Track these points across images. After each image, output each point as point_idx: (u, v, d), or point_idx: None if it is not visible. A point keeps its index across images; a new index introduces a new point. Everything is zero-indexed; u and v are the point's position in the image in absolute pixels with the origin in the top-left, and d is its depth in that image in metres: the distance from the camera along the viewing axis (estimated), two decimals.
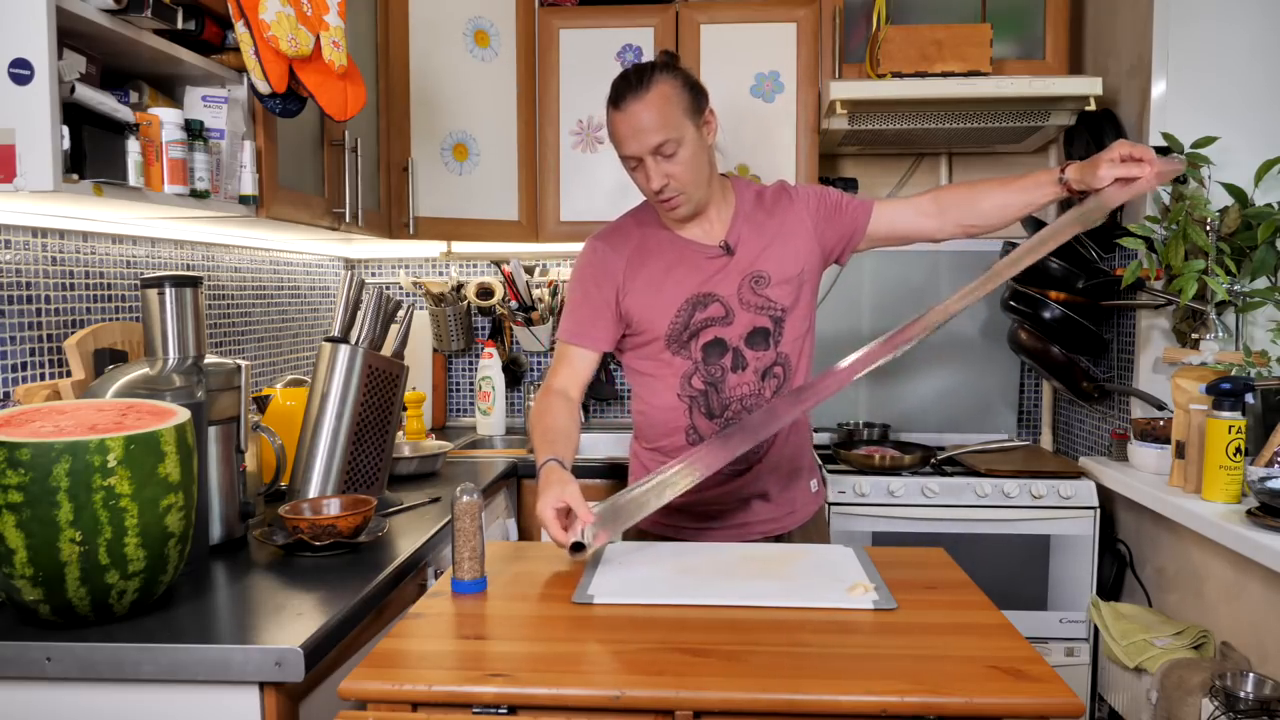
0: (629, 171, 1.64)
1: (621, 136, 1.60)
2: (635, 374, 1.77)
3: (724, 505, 1.75)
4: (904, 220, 1.74)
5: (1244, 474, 1.84)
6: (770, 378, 1.69)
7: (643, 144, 1.57)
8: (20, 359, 1.59)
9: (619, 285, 1.69)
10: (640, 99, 1.57)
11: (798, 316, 1.70)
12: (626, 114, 1.58)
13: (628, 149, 1.59)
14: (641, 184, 1.63)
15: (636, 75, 1.60)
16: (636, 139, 1.58)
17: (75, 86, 1.30)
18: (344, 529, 1.51)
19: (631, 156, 1.60)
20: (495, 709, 1.02)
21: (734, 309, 1.66)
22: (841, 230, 1.73)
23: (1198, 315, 2.14)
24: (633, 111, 1.57)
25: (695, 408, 1.69)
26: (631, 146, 1.58)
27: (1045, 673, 1.04)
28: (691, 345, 1.67)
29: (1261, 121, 2.20)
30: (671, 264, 1.68)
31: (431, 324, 2.95)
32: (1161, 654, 1.91)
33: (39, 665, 1.13)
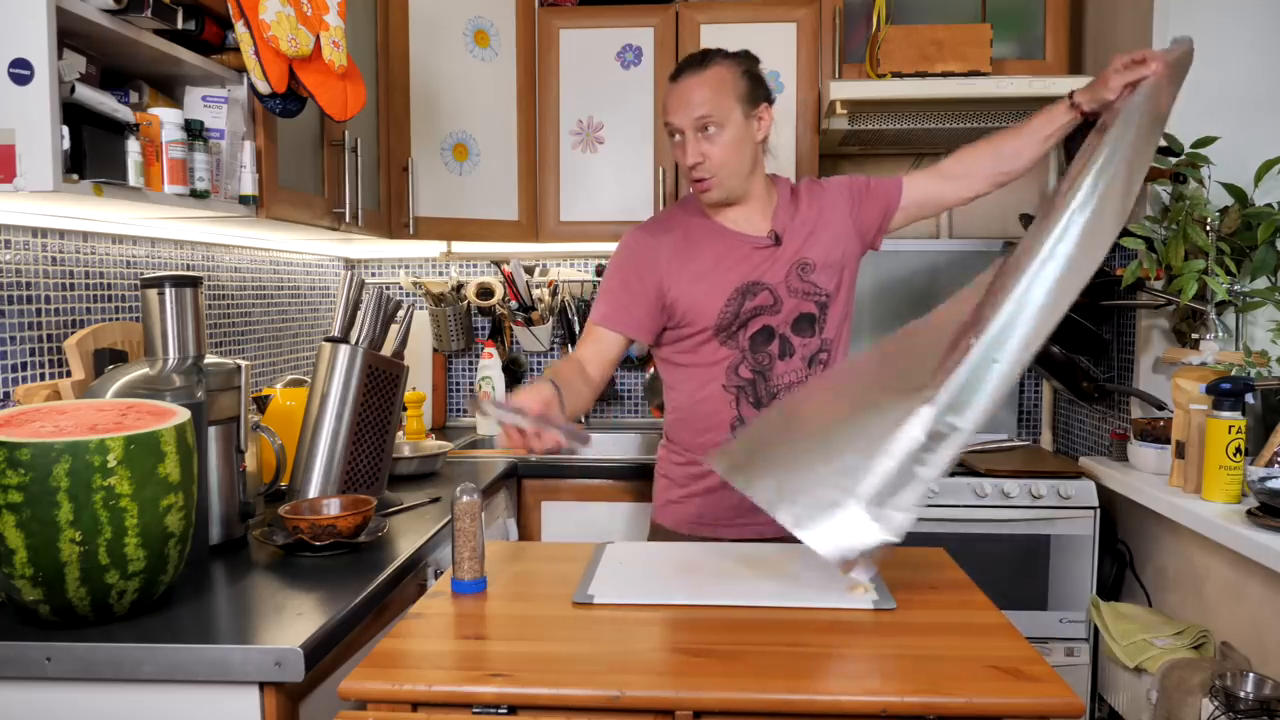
0: (673, 148, 1.68)
1: (670, 106, 1.65)
2: (675, 368, 1.74)
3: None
4: (934, 189, 1.77)
5: (1244, 474, 1.84)
6: (816, 364, 1.71)
7: (686, 116, 1.61)
8: (20, 359, 1.59)
9: (664, 275, 1.67)
10: (697, 75, 1.63)
11: (840, 302, 1.73)
12: (680, 86, 1.64)
13: (672, 118, 1.64)
14: (679, 158, 1.67)
15: (701, 54, 1.66)
16: (682, 110, 1.62)
17: (75, 86, 1.30)
18: (344, 529, 1.51)
19: (674, 127, 1.64)
20: (495, 709, 1.02)
21: (782, 296, 1.68)
22: (875, 210, 1.76)
23: (1198, 315, 2.14)
24: (686, 85, 1.63)
25: (743, 397, 1.69)
26: (676, 116, 1.63)
27: (1045, 673, 1.04)
28: (740, 335, 1.68)
29: (1261, 121, 2.20)
30: (720, 254, 1.69)
31: (431, 324, 2.95)
32: (1161, 654, 1.91)
33: (39, 665, 1.13)
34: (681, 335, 1.70)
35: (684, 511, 1.76)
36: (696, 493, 1.74)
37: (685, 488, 1.76)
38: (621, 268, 1.70)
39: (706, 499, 1.73)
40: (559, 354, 3.05)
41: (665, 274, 1.67)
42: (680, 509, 1.77)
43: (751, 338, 1.68)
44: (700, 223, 1.72)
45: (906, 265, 2.89)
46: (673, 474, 1.78)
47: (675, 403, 1.77)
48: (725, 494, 1.69)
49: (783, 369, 1.69)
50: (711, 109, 1.61)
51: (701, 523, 1.74)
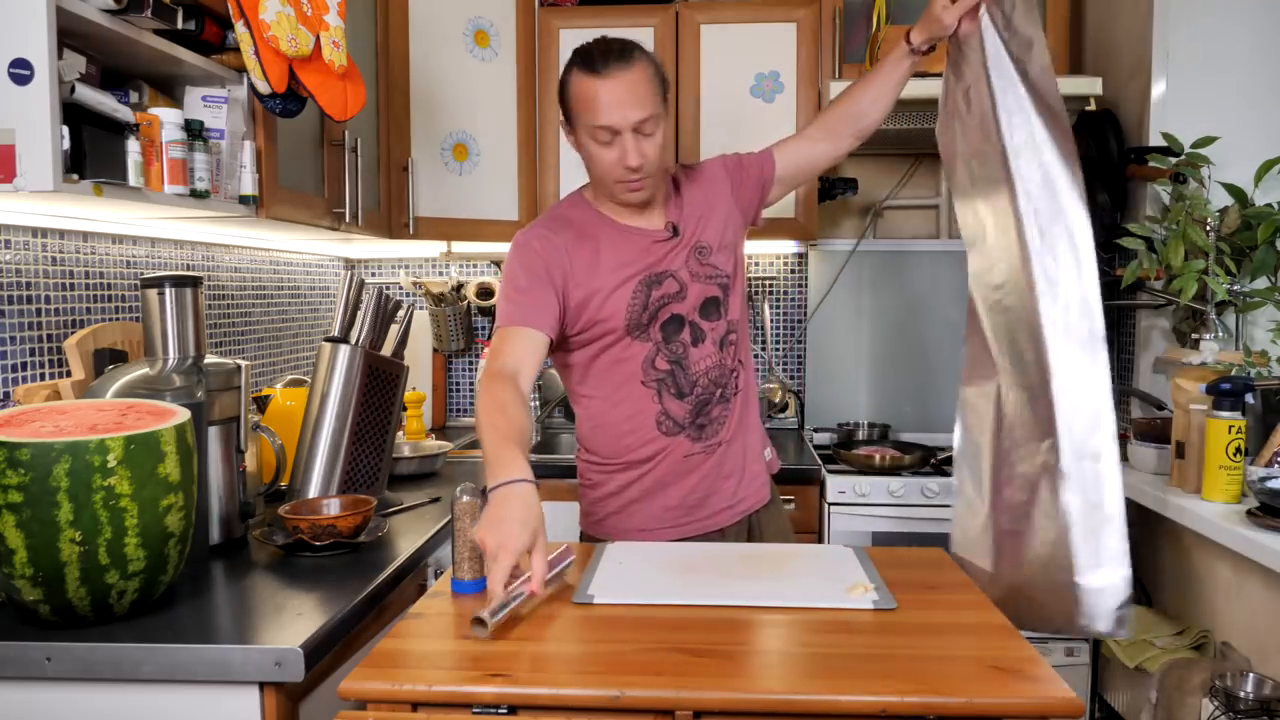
0: (592, 145, 1.54)
1: (601, 104, 1.49)
2: (584, 373, 1.67)
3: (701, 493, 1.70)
4: (803, 153, 1.78)
5: (1244, 474, 1.84)
6: (728, 345, 1.67)
7: (626, 116, 1.49)
8: (20, 359, 1.59)
9: (568, 275, 1.59)
10: (627, 69, 1.50)
11: (738, 281, 1.72)
12: (610, 81, 1.49)
13: (608, 118, 1.49)
14: (610, 160, 1.54)
15: (619, 46, 1.53)
16: (620, 110, 1.49)
17: (75, 86, 1.30)
18: (344, 529, 1.51)
19: (609, 128, 1.50)
20: (495, 709, 1.02)
21: (686, 282, 1.63)
22: (752, 186, 1.75)
23: (1198, 315, 2.14)
24: (618, 79, 1.49)
25: (664, 390, 1.64)
26: (613, 116, 1.49)
27: (1045, 673, 1.04)
28: (650, 327, 1.62)
29: (1261, 121, 2.20)
30: (621, 251, 1.62)
31: (431, 324, 2.95)
32: (1161, 654, 1.91)
33: (39, 665, 1.13)
34: (591, 338, 1.62)
35: (628, 521, 1.70)
36: (634, 498, 1.68)
37: (620, 495, 1.69)
38: (529, 267, 1.59)
39: (646, 504, 1.68)
40: None
41: (569, 274, 1.59)
42: (621, 519, 1.70)
43: (663, 327, 1.62)
44: (596, 220, 1.65)
45: (906, 265, 2.90)
46: (604, 485, 1.71)
47: (591, 410, 1.69)
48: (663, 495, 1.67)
49: (697, 355, 1.64)
50: (651, 109, 1.51)
51: (647, 530, 1.69)
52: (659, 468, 1.67)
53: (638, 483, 1.68)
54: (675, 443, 1.66)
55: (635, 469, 1.68)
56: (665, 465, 1.67)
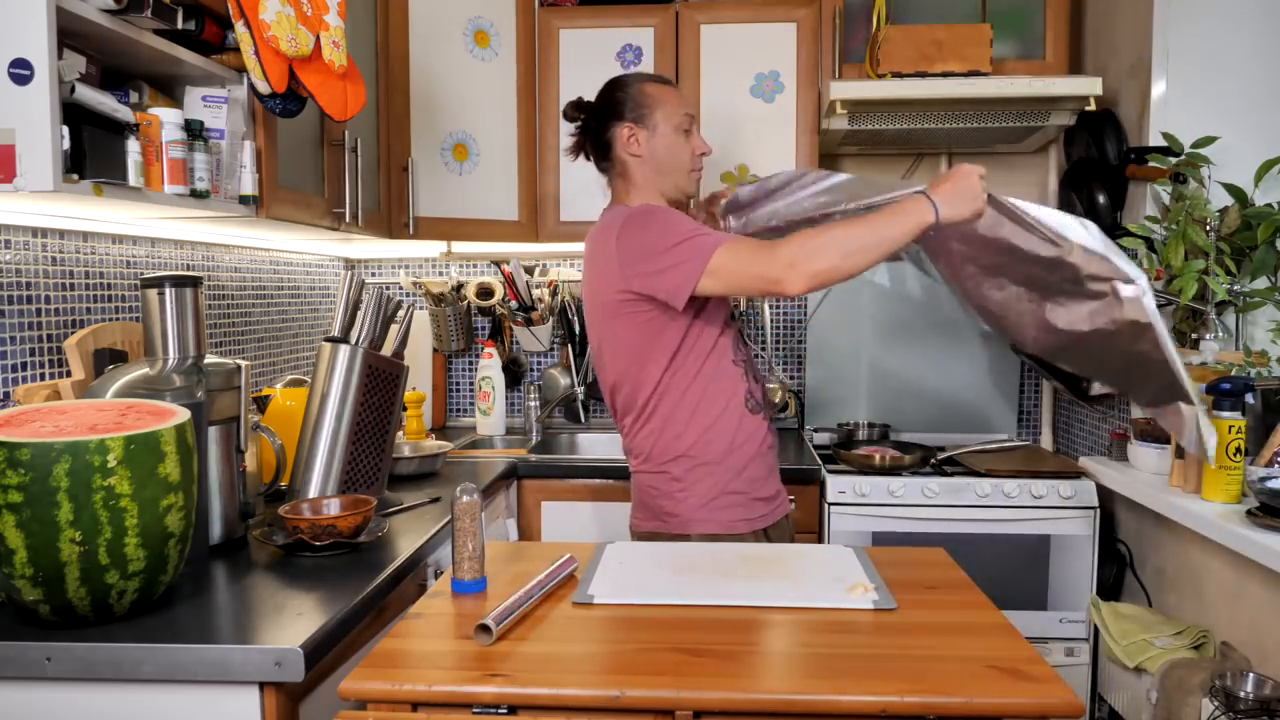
0: (675, 136, 1.78)
1: (686, 101, 1.83)
2: (694, 352, 1.72)
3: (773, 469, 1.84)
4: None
5: (1244, 474, 1.84)
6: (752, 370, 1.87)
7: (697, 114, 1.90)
8: (20, 359, 1.59)
9: None
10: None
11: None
12: (680, 90, 1.85)
13: (694, 109, 1.89)
14: (687, 151, 1.79)
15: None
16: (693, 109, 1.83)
17: (75, 86, 1.30)
18: (344, 529, 1.51)
19: (691, 115, 1.81)
20: (495, 709, 1.02)
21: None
22: None
23: (1198, 315, 2.14)
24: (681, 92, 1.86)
25: (749, 372, 1.81)
26: (695, 110, 1.92)
27: (1045, 673, 1.04)
28: (728, 305, 1.80)
29: (1261, 121, 2.20)
30: None
31: (431, 324, 2.95)
32: (1161, 654, 1.91)
33: (39, 665, 1.13)
34: (713, 306, 1.74)
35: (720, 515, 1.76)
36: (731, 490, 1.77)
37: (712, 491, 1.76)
38: (674, 212, 1.70)
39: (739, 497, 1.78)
40: (559, 354, 3.05)
41: None
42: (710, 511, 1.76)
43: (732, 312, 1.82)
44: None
45: (906, 265, 2.89)
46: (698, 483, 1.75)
47: (696, 399, 1.73)
48: (756, 488, 1.79)
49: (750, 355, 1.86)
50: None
51: (741, 519, 1.76)
52: (752, 457, 1.77)
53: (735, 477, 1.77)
54: (758, 424, 1.78)
55: (726, 459, 1.75)
56: (754, 451, 1.77)
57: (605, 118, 1.80)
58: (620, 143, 1.78)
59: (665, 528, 1.76)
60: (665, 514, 1.76)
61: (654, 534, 1.78)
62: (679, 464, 1.74)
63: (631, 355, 1.72)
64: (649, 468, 1.78)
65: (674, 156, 1.78)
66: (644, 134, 1.77)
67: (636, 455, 1.80)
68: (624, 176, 1.81)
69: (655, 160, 1.78)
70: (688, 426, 1.73)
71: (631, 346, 1.71)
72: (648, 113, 1.77)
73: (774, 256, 1.52)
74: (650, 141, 1.77)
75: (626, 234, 1.65)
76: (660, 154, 1.77)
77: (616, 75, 1.85)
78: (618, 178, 1.83)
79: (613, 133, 1.78)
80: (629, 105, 1.78)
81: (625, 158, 1.79)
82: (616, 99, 1.79)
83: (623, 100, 1.78)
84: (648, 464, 1.78)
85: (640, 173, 1.79)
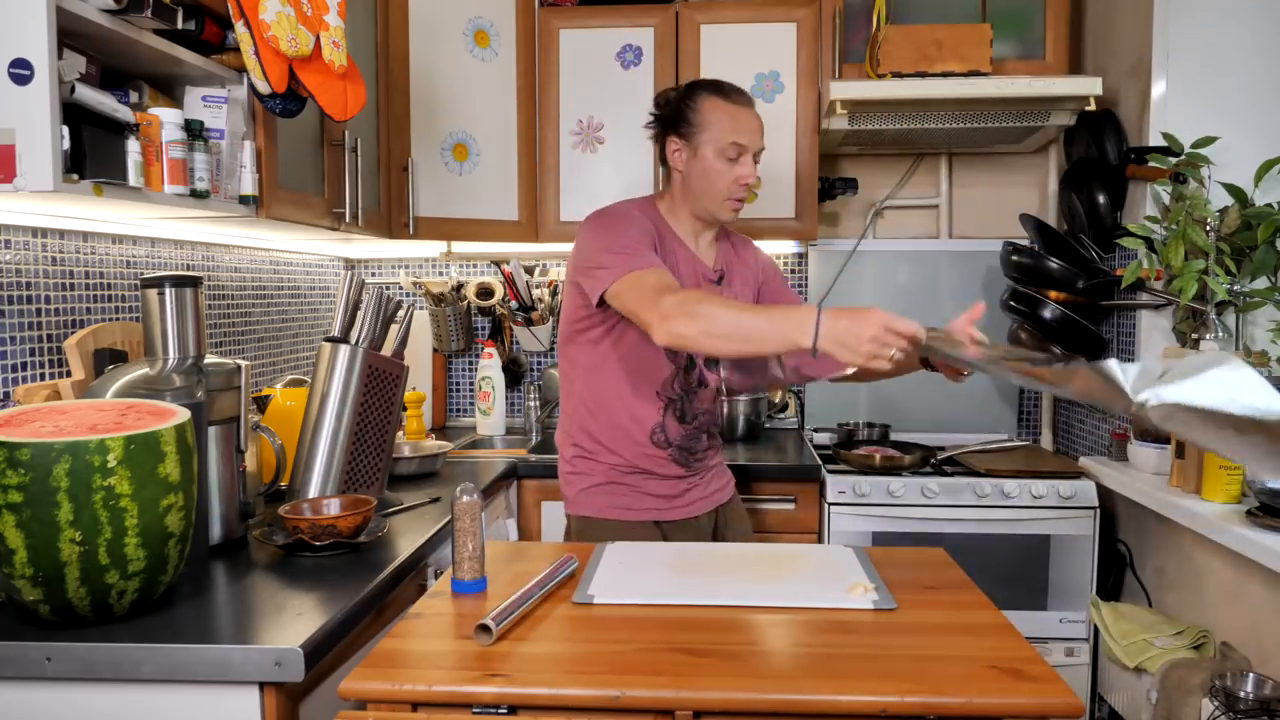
0: (716, 160, 1.73)
1: (743, 126, 1.74)
2: (612, 367, 1.78)
3: (680, 492, 1.85)
4: None
5: (1244, 474, 1.84)
6: (718, 402, 1.88)
7: (755, 141, 1.75)
8: (20, 359, 1.59)
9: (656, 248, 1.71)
10: (753, 105, 1.77)
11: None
12: (748, 109, 1.76)
13: (747, 139, 1.73)
14: (731, 175, 1.73)
15: (744, 91, 1.79)
16: (754, 134, 1.75)
17: (75, 86, 1.30)
18: (344, 529, 1.51)
19: (742, 145, 1.73)
20: (495, 709, 1.02)
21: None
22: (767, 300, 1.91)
23: (1198, 315, 2.14)
24: (752, 110, 1.76)
25: (670, 410, 1.80)
26: (752, 137, 1.74)
27: (1045, 673, 1.04)
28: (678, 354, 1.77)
29: (1261, 121, 2.20)
30: (684, 270, 1.78)
31: (431, 324, 2.95)
32: (1161, 654, 1.91)
33: (39, 665, 1.13)
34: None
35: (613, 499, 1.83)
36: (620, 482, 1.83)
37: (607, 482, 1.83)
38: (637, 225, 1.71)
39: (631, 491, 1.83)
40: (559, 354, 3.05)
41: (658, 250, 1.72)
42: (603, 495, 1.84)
43: (688, 357, 1.79)
44: (667, 230, 1.80)
45: (906, 265, 2.90)
46: (591, 474, 1.84)
47: (595, 398, 1.81)
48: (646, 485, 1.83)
49: (701, 395, 1.83)
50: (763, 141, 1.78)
51: (641, 509, 1.82)
52: (647, 477, 1.82)
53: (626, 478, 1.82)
54: (659, 457, 1.81)
55: (623, 466, 1.82)
56: (648, 475, 1.82)
57: (665, 121, 1.81)
58: (669, 151, 1.81)
59: (568, 508, 1.89)
60: (565, 495, 1.89)
61: (567, 515, 1.90)
62: (571, 450, 1.86)
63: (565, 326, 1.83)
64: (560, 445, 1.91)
65: (708, 182, 1.75)
66: (687, 152, 1.77)
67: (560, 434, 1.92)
68: (668, 180, 1.84)
69: (692, 180, 1.77)
70: (590, 419, 1.82)
71: (567, 317, 1.82)
72: (695, 131, 1.74)
73: (656, 304, 1.50)
74: (691, 161, 1.76)
75: (584, 232, 1.74)
76: (696, 176, 1.76)
77: (701, 80, 1.81)
78: (665, 178, 1.87)
79: (666, 138, 1.81)
80: (683, 118, 1.76)
81: (672, 165, 1.82)
82: (678, 107, 1.78)
83: (681, 110, 1.77)
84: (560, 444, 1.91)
85: (678, 185, 1.81)
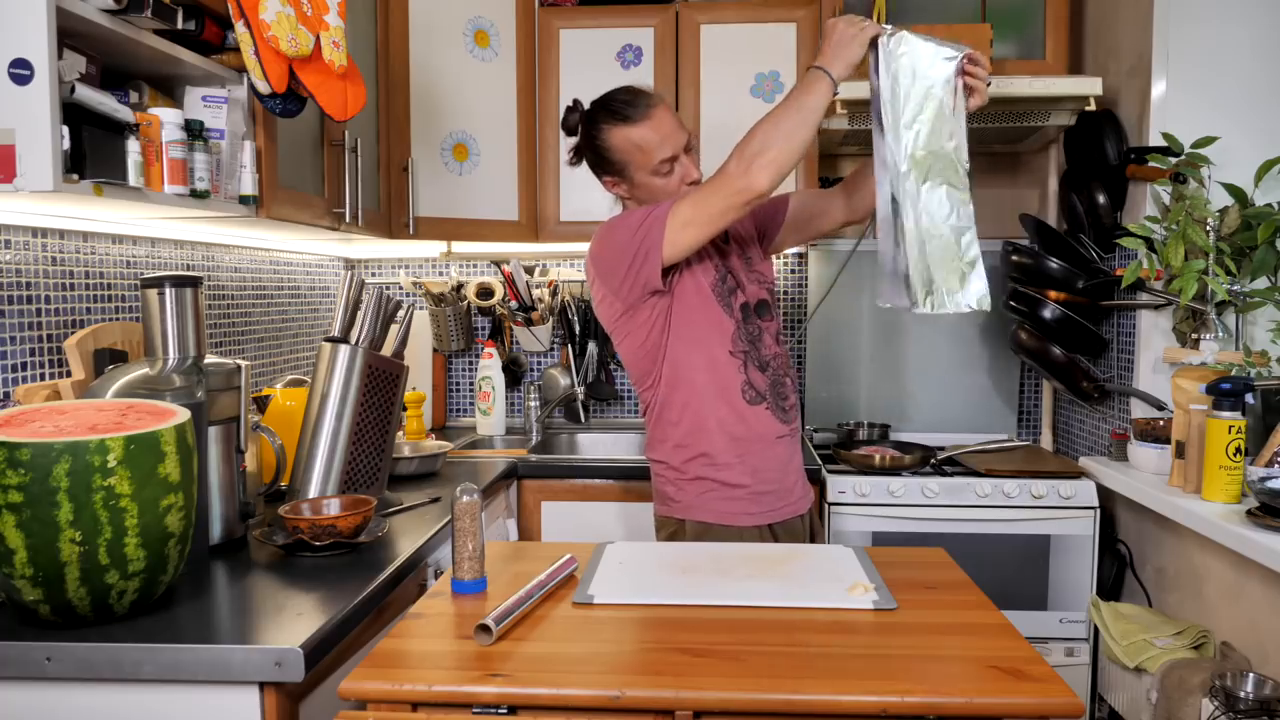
0: (656, 180, 1.72)
1: (658, 140, 1.71)
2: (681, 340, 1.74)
3: (788, 462, 1.83)
4: (818, 201, 1.91)
5: (1244, 474, 1.84)
6: (781, 343, 1.85)
7: (677, 143, 1.72)
8: (20, 359, 1.59)
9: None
10: (657, 107, 1.72)
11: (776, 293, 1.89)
12: (655, 120, 1.71)
13: (667, 151, 1.71)
14: (674, 184, 1.73)
15: (638, 93, 1.75)
16: (672, 139, 1.71)
17: (75, 86, 1.30)
18: (344, 529, 1.51)
19: (668, 159, 1.71)
20: (495, 709, 1.02)
21: (744, 281, 1.80)
22: (765, 216, 1.90)
23: (1198, 315, 2.14)
24: (659, 117, 1.72)
25: (749, 362, 1.77)
26: (669, 147, 1.71)
27: (1045, 673, 1.04)
28: (731, 300, 1.76)
29: (1261, 121, 2.20)
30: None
31: (431, 324, 2.95)
32: (1161, 654, 1.91)
33: (39, 665, 1.13)
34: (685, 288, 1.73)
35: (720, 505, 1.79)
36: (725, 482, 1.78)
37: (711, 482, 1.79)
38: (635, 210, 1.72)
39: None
40: (559, 354, 3.05)
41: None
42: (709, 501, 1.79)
43: (741, 307, 1.78)
44: None
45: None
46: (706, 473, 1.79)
47: (682, 392, 1.76)
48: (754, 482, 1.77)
49: (766, 340, 1.80)
50: (686, 128, 1.76)
51: (743, 512, 1.76)
52: (750, 449, 1.76)
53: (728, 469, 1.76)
54: (758, 414, 1.76)
55: (720, 456, 1.76)
56: (753, 443, 1.76)
57: (589, 160, 1.81)
58: (607, 188, 1.82)
59: (670, 512, 1.82)
60: (669, 499, 1.82)
61: (666, 518, 1.83)
62: (676, 454, 1.79)
63: (632, 355, 1.80)
64: (655, 456, 1.84)
65: (660, 195, 1.74)
66: (626, 185, 1.78)
67: (649, 446, 1.87)
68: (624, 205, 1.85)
69: (642, 202, 1.77)
70: (681, 416, 1.77)
71: (632, 347, 1.79)
72: (623, 168, 1.74)
73: (726, 174, 1.57)
74: (634, 191, 1.77)
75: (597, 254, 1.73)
76: (645, 199, 1.76)
77: (591, 106, 1.77)
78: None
79: (599, 177, 1.81)
80: (604, 161, 1.76)
81: (617, 196, 1.83)
82: (594, 149, 1.76)
83: (597, 153, 1.76)
84: (654, 453, 1.84)
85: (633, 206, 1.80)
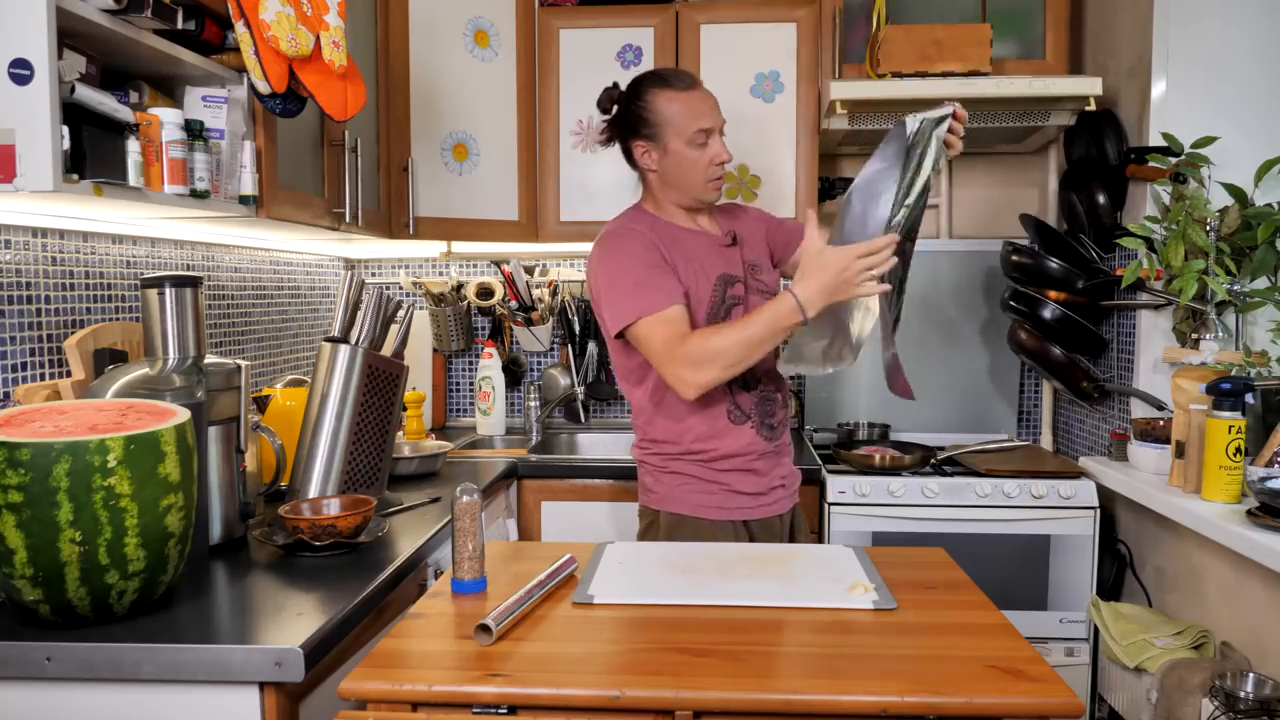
0: (688, 150, 1.76)
1: (701, 110, 1.77)
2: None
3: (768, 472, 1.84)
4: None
5: (1244, 474, 1.84)
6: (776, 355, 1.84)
7: (717, 120, 1.78)
8: (20, 359, 1.59)
9: (671, 262, 1.75)
10: (700, 86, 1.80)
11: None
12: (699, 93, 1.78)
13: (708, 121, 1.76)
14: (706, 159, 1.77)
15: (684, 71, 1.85)
16: (715, 114, 1.78)
17: (75, 86, 1.30)
18: (344, 529, 1.51)
19: (707, 130, 1.76)
20: (495, 709, 1.02)
21: (749, 288, 1.83)
22: (781, 241, 1.94)
23: (1198, 315, 2.14)
24: (703, 91, 1.79)
25: (734, 383, 1.78)
26: (711, 118, 1.77)
27: (1045, 673, 1.04)
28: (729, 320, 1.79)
29: (1261, 121, 2.20)
30: (696, 248, 1.81)
31: (431, 324, 2.95)
32: (1161, 654, 1.91)
33: (39, 665, 1.13)
34: None
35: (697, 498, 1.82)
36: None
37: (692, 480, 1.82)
38: (649, 248, 1.75)
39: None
40: (559, 354, 3.05)
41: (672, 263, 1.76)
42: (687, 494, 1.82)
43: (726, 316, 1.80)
44: (666, 227, 1.82)
45: None
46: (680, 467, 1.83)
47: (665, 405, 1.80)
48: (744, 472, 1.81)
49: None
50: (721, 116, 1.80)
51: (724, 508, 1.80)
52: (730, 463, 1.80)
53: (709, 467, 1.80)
54: (741, 433, 1.79)
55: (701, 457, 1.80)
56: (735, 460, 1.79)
57: (624, 128, 1.83)
58: (637, 155, 1.83)
59: (648, 502, 1.87)
60: (648, 490, 1.87)
61: (644, 508, 1.88)
62: (657, 446, 1.84)
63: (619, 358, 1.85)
64: (639, 447, 1.89)
65: (686, 173, 1.78)
66: (657, 151, 1.79)
67: (635, 442, 1.91)
68: (645, 182, 1.87)
69: (669, 175, 1.80)
70: (666, 422, 1.81)
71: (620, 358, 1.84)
72: (658, 130, 1.77)
73: (669, 366, 1.67)
74: (663, 159, 1.79)
75: (591, 261, 1.80)
76: (673, 170, 1.78)
77: (637, 77, 1.83)
78: (640, 180, 1.89)
79: (630, 144, 1.83)
80: (640, 120, 1.79)
81: (643, 168, 1.84)
82: (632, 112, 1.80)
83: (637, 114, 1.79)
84: (638, 447, 1.89)
85: (657, 183, 1.83)
